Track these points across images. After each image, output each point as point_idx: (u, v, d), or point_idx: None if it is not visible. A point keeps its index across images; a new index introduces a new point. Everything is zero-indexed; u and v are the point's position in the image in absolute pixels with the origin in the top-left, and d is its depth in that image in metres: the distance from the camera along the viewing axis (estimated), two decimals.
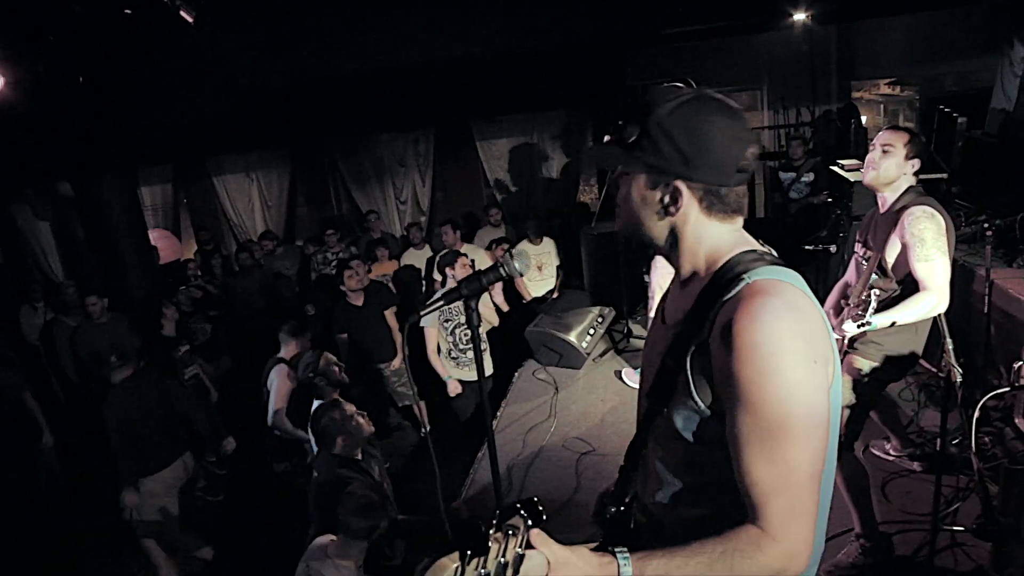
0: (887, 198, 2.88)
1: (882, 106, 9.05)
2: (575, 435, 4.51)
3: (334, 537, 3.00)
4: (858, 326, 2.67)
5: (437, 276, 6.79)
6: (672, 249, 1.32)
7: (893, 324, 2.69)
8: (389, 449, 5.52)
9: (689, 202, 1.25)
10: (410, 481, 5.02)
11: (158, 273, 7.56)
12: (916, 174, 2.85)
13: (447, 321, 4.87)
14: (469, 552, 1.13)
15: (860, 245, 3.07)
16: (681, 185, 1.24)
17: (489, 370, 5.20)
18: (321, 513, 3.25)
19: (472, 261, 6.15)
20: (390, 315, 5.89)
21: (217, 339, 6.73)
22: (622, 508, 1.48)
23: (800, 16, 6.49)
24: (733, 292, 1.18)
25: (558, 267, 7.10)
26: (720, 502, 1.21)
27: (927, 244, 2.66)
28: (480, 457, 4.31)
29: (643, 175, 1.27)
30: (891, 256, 2.82)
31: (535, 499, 1.36)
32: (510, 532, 1.17)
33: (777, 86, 9.43)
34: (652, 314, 4.62)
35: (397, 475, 5.02)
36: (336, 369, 4.21)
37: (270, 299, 7.52)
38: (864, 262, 3.00)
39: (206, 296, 7.49)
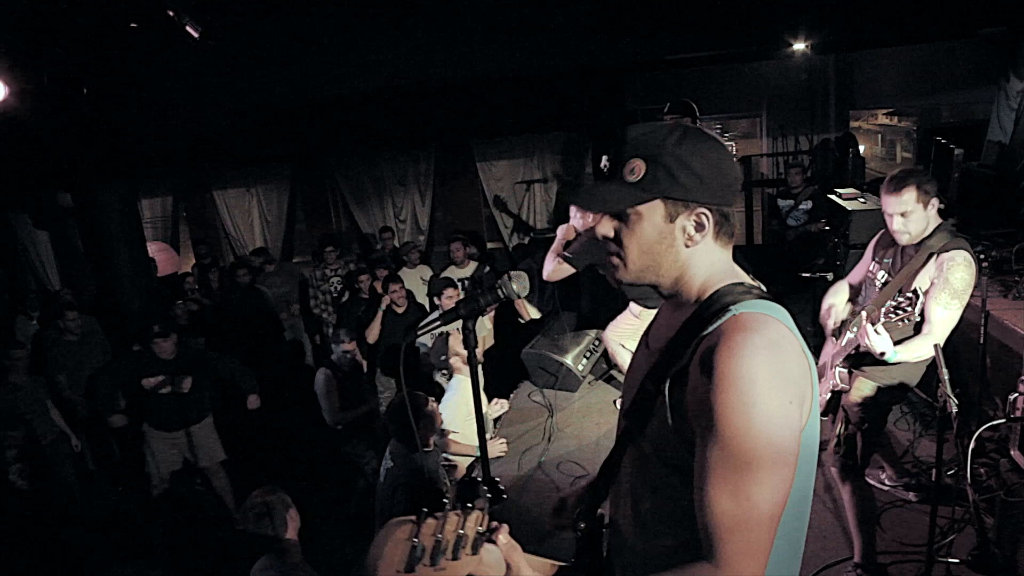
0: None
1: (880, 136, 9.13)
2: (570, 458, 4.49)
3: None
4: (875, 331, 2.64)
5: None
6: (675, 283, 1.30)
7: (881, 352, 2.70)
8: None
9: (708, 227, 1.26)
10: None
11: (155, 286, 7.54)
12: (938, 208, 2.85)
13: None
14: (425, 511, 1.14)
15: (875, 264, 3.06)
16: (703, 209, 1.24)
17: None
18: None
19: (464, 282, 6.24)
20: None
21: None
22: (592, 524, 1.49)
23: (800, 46, 6.57)
24: (717, 324, 1.18)
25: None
26: (688, 529, 1.20)
27: (957, 293, 2.69)
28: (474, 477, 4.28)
29: (659, 212, 1.24)
30: (921, 287, 2.80)
31: (497, 479, 1.36)
32: (470, 507, 1.18)
33: (776, 114, 9.52)
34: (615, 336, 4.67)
35: None
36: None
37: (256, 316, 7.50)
38: (879, 283, 2.98)
39: (202, 310, 7.48)
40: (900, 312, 2.63)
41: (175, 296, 7.58)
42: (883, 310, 2.68)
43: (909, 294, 2.66)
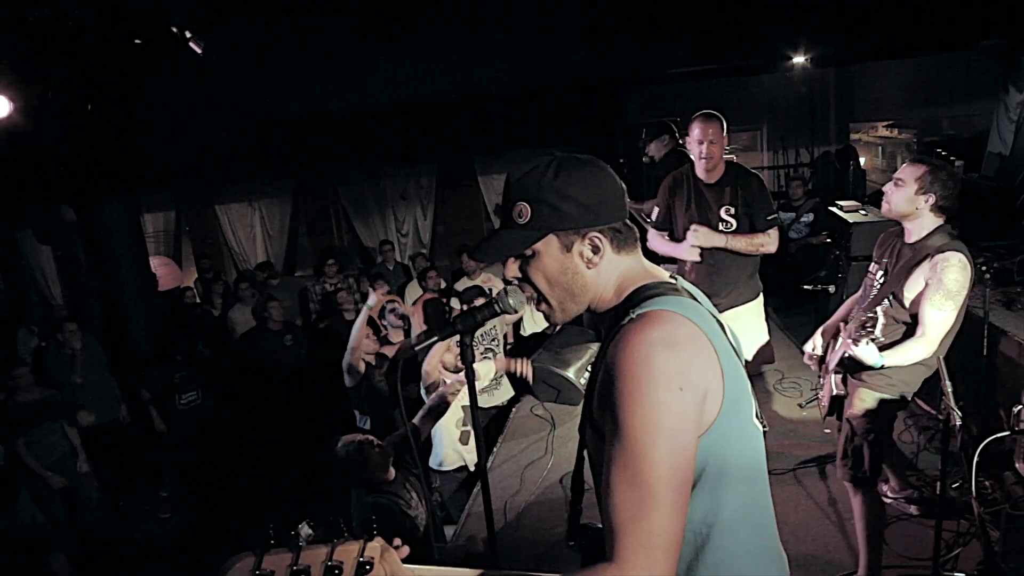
0: (910, 230, 2.85)
1: (880, 148, 9.15)
2: (572, 473, 4.47)
3: None
4: (865, 342, 2.65)
5: (455, 305, 6.84)
6: (595, 304, 1.36)
7: (883, 366, 2.71)
8: None
9: (605, 246, 1.31)
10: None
11: (157, 300, 7.55)
12: (944, 211, 2.82)
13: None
14: (272, 542, 1.09)
15: (875, 265, 3.05)
16: (595, 233, 1.29)
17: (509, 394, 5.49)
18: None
19: (491, 289, 6.21)
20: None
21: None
22: (581, 537, 1.55)
23: (800, 59, 6.60)
24: (620, 326, 1.22)
25: None
26: None
27: (950, 295, 2.66)
28: (476, 492, 4.27)
29: (555, 246, 1.30)
30: (910, 291, 2.79)
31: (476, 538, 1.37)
32: (346, 537, 1.14)
33: (777, 127, 9.55)
34: None
35: None
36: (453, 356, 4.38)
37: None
38: (877, 284, 2.98)
39: (205, 324, 7.49)
40: (864, 330, 2.64)
41: (177, 310, 7.59)
42: (855, 326, 2.71)
43: (871, 314, 2.67)
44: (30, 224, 8.93)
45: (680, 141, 5.72)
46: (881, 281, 2.94)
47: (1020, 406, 3.27)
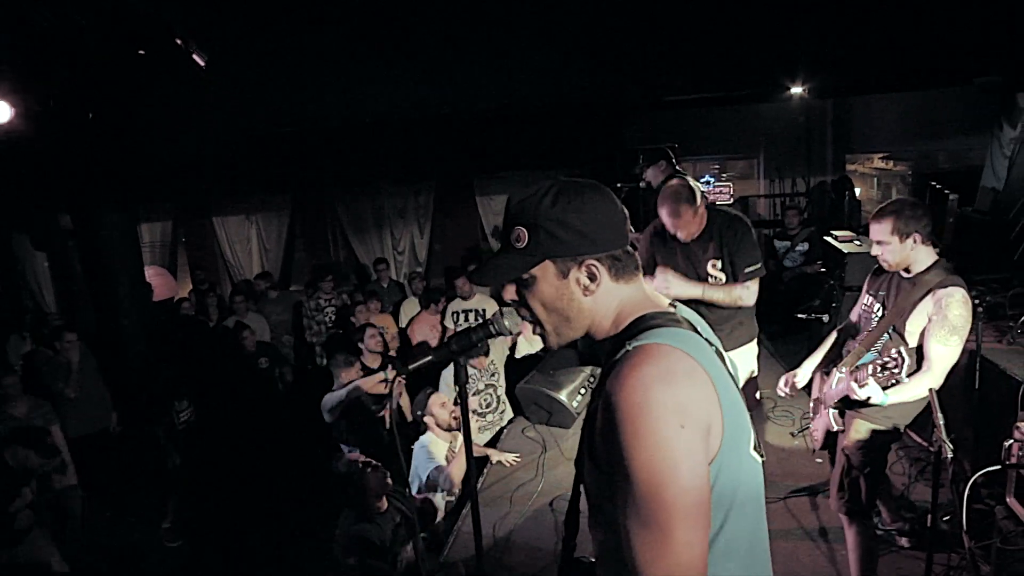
0: (909, 265, 2.88)
1: (876, 179, 9.23)
2: (562, 497, 4.44)
3: None
4: (865, 395, 2.66)
5: (450, 324, 6.81)
6: (592, 331, 1.35)
7: (869, 399, 2.71)
8: None
9: (602, 274, 1.30)
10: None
11: (151, 310, 7.53)
12: (930, 238, 2.85)
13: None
14: None
15: (869, 297, 3.06)
16: (592, 260, 1.29)
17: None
18: None
19: (484, 310, 6.16)
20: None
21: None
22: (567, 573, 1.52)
23: (797, 89, 6.67)
24: (615, 359, 1.21)
25: None
26: None
27: (955, 330, 2.69)
28: (464, 514, 4.23)
29: (551, 272, 1.30)
30: (913, 325, 2.81)
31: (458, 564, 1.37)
32: None
33: (773, 156, 9.62)
34: None
35: None
36: (446, 412, 4.33)
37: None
38: (875, 317, 2.98)
39: (203, 324, 7.45)
40: (887, 372, 2.64)
41: (171, 321, 7.56)
42: (870, 369, 2.70)
43: (894, 353, 2.66)
44: (26, 230, 8.91)
45: (678, 167, 5.76)
46: (880, 315, 2.96)
47: (1011, 440, 3.27)
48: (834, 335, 3.29)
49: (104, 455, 5.89)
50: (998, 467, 3.25)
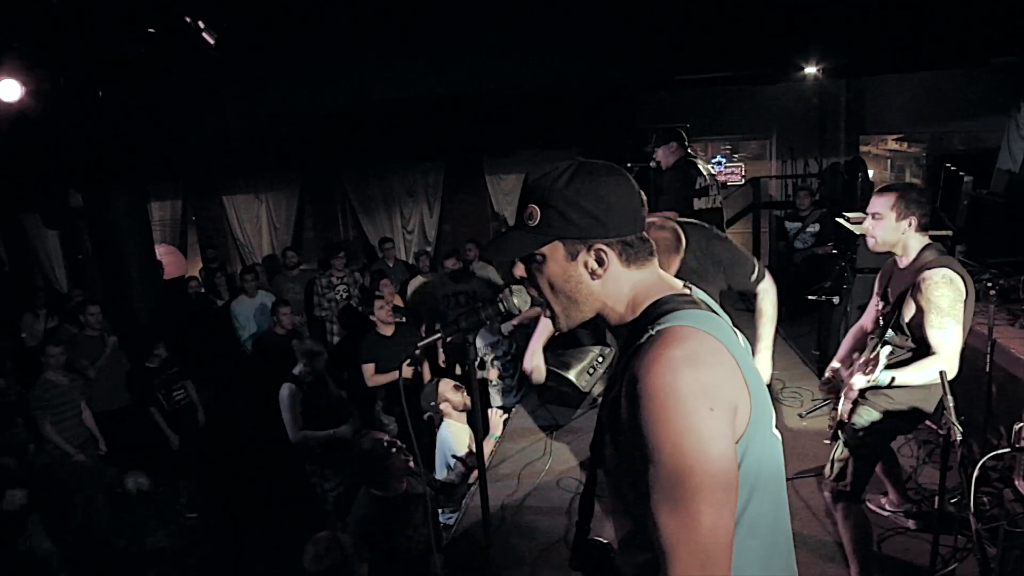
0: (901, 256, 2.89)
1: (889, 161, 9.14)
2: (570, 474, 4.47)
3: None
4: (867, 381, 2.67)
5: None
6: (603, 314, 1.33)
7: (892, 381, 2.70)
8: None
9: (611, 259, 1.28)
10: None
11: (161, 288, 7.57)
12: (927, 228, 2.85)
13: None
14: None
15: (879, 298, 3.07)
16: (602, 244, 1.27)
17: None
18: None
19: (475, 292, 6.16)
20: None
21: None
22: (588, 555, 1.50)
23: (811, 70, 6.59)
24: (639, 343, 1.19)
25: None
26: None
27: (943, 312, 2.66)
28: (472, 492, 4.27)
29: (560, 252, 1.28)
30: (908, 315, 2.81)
31: None
32: None
33: (786, 137, 9.53)
34: None
35: None
36: (461, 395, 4.34)
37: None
38: (882, 317, 3.00)
39: (211, 304, 7.50)
40: (871, 370, 2.67)
41: (180, 299, 7.60)
42: (857, 363, 2.75)
43: (872, 355, 2.70)
44: (37, 209, 8.96)
45: (689, 149, 5.71)
46: (884, 312, 2.97)
47: (1021, 423, 3.26)
48: (851, 338, 3.29)
49: (123, 432, 5.97)
50: (1007, 450, 3.24)
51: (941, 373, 2.62)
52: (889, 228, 2.82)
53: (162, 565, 5.26)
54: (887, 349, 2.74)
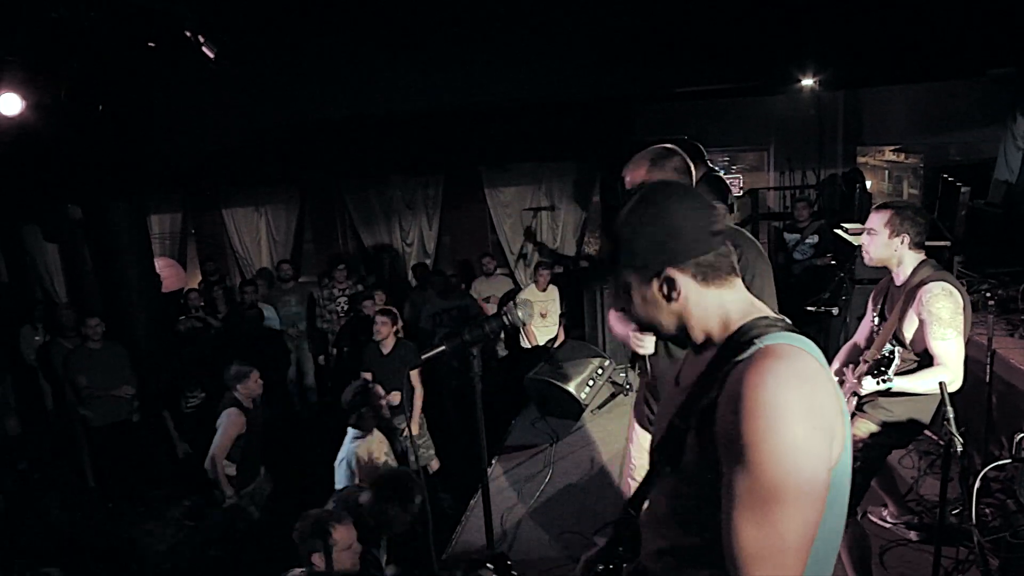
0: (897, 273, 2.93)
1: (887, 172, 9.15)
2: (570, 487, 4.46)
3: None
4: (878, 382, 2.68)
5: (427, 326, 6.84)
6: (685, 331, 1.34)
7: (890, 390, 2.71)
8: None
9: (685, 282, 1.27)
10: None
11: (161, 301, 7.57)
12: (921, 246, 2.87)
13: None
14: None
15: (874, 313, 3.09)
16: (671, 271, 1.27)
17: None
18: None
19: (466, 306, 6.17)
20: (414, 375, 5.86)
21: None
22: (611, 567, 1.45)
23: (808, 81, 6.62)
24: (744, 355, 1.19)
25: (560, 315, 7.12)
26: (719, 565, 1.18)
27: (944, 323, 2.70)
28: (472, 505, 4.25)
29: (636, 281, 1.30)
30: (908, 331, 2.84)
31: (505, 554, 1.35)
32: None
33: (784, 148, 9.56)
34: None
35: None
36: (382, 404, 4.38)
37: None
38: (877, 331, 3.01)
39: (206, 328, 7.49)
40: (883, 371, 2.68)
41: (180, 312, 7.60)
42: (864, 367, 2.75)
43: (886, 351, 2.71)
44: (37, 221, 8.95)
45: (712, 166, 5.71)
46: (879, 326, 2.99)
47: (1021, 433, 3.26)
48: (844, 353, 3.30)
49: (125, 445, 5.95)
50: (1008, 460, 3.24)
51: (941, 384, 2.63)
52: (882, 244, 2.87)
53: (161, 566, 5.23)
54: (899, 350, 2.76)
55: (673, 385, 1.44)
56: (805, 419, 1.10)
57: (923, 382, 2.71)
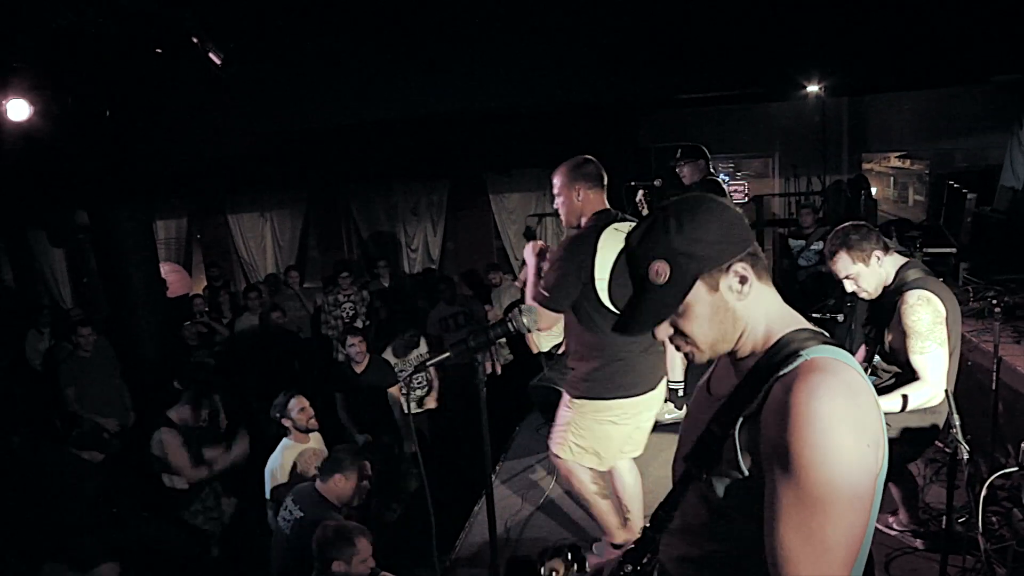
0: (885, 283, 2.91)
1: (892, 178, 9.14)
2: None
3: None
4: None
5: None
6: (741, 341, 1.32)
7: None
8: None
9: (749, 273, 1.28)
10: (404, 530, 4.94)
11: (166, 306, 7.58)
12: (887, 248, 2.85)
13: None
14: None
15: (867, 324, 3.09)
16: (738, 263, 1.27)
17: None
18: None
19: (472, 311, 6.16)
20: (394, 391, 5.89)
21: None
22: (639, 569, 1.44)
23: (813, 88, 6.63)
24: (790, 367, 1.19)
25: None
26: (755, 574, 1.19)
27: (922, 336, 2.67)
28: (476, 511, 4.24)
29: (702, 291, 1.27)
30: (896, 342, 2.83)
31: (579, 546, 1.35)
32: (552, 573, 1.18)
33: (789, 154, 9.56)
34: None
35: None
36: (304, 416, 4.39)
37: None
38: (867, 342, 3.02)
39: (211, 333, 7.50)
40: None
41: (185, 318, 7.61)
42: None
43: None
44: (43, 226, 9.00)
45: (712, 169, 5.72)
46: (870, 335, 3.00)
47: None
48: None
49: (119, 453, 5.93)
50: (1015, 469, 3.22)
51: (946, 391, 2.62)
52: (868, 276, 2.84)
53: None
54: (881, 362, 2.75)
55: (705, 394, 1.43)
56: (853, 430, 1.11)
57: (893, 403, 2.69)
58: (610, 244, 2.90)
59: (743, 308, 1.29)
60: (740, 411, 1.23)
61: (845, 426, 1.10)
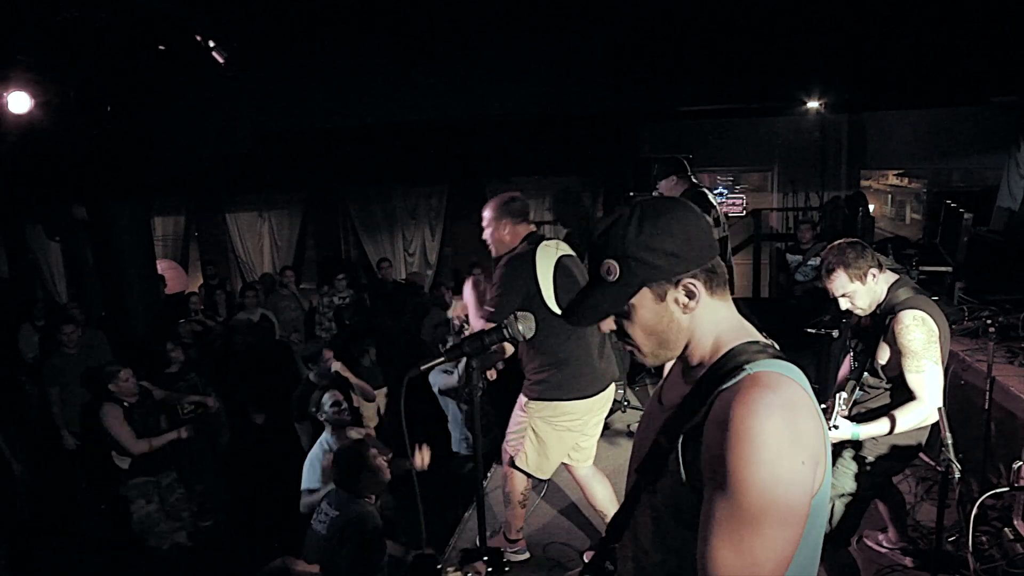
0: (877, 301, 2.91)
1: (890, 196, 9.19)
2: (568, 496, 4.44)
3: None
4: (841, 435, 2.70)
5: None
6: (687, 348, 1.32)
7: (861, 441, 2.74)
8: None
9: (700, 290, 1.27)
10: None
11: (161, 303, 7.56)
12: (881, 266, 2.86)
13: None
14: None
15: (853, 337, 3.09)
16: (688, 279, 1.26)
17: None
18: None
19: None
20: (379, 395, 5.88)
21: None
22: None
23: (813, 104, 6.66)
24: (733, 381, 1.19)
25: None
26: None
27: (918, 355, 2.68)
28: (467, 518, 4.23)
29: (648, 298, 1.28)
30: (882, 358, 2.84)
31: (501, 549, 1.35)
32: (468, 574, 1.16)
33: (788, 169, 9.59)
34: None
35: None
36: (337, 410, 4.50)
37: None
38: (855, 358, 3.01)
39: (206, 331, 7.48)
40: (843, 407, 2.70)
41: (180, 315, 7.59)
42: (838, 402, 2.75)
43: (828, 403, 2.71)
44: (40, 219, 8.97)
45: (694, 178, 5.74)
46: (860, 351, 3.00)
47: (1020, 462, 3.25)
48: (841, 380, 3.31)
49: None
50: (1006, 489, 3.22)
51: (939, 409, 2.62)
52: (863, 294, 2.83)
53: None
54: (842, 396, 2.75)
55: (656, 404, 1.42)
56: (789, 448, 1.10)
57: (902, 421, 2.70)
58: (545, 258, 3.25)
59: (689, 320, 1.29)
60: (685, 423, 1.23)
61: (781, 444, 1.09)
